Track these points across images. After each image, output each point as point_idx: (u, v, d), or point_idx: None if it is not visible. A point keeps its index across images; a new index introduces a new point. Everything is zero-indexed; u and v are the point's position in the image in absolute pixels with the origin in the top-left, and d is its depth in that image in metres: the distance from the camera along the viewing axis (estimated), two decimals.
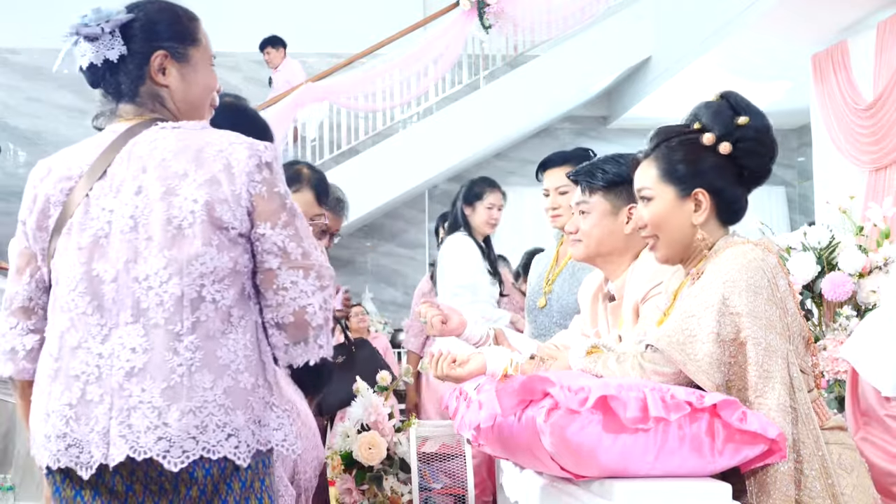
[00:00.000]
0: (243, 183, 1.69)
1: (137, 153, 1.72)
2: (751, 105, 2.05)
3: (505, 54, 9.23)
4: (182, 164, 1.69)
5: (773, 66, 7.91)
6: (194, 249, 1.65)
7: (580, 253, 2.51)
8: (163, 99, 1.81)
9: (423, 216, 10.44)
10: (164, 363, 1.63)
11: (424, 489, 3.32)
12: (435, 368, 2.36)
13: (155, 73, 1.79)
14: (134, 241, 1.67)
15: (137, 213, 1.68)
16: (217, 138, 1.73)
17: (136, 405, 1.62)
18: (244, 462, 1.66)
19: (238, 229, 1.69)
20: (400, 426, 3.41)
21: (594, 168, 2.51)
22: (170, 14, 1.82)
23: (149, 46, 1.78)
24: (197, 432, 1.62)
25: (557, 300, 3.28)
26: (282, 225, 1.71)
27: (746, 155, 2.01)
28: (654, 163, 2.07)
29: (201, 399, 1.63)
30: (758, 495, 1.85)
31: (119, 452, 1.61)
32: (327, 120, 9.07)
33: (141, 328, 1.64)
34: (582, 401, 1.79)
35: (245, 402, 1.67)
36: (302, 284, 1.70)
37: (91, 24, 1.77)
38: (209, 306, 1.66)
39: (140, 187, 1.69)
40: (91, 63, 1.77)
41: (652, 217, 2.08)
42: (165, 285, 1.65)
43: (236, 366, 1.67)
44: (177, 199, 1.67)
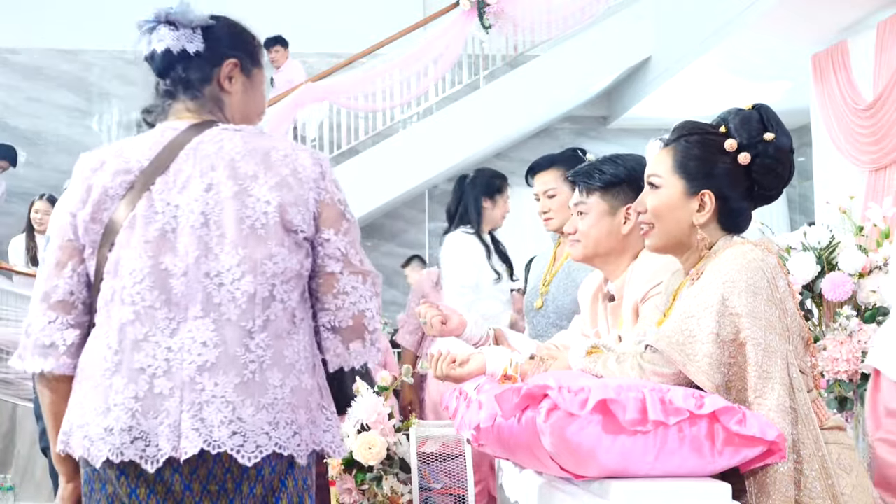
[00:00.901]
0: (310, 188, 1.74)
1: (204, 151, 1.73)
2: (781, 123, 2.05)
3: (505, 54, 9.23)
4: (251, 165, 1.72)
5: (773, 66, 7.91)
6: (268, 249, 1.69)
7: (579, 253, 2.52)
8: (223, 105, 1.83)
9: (423, 216, 10.44)
10: (236, 358, 1.65)
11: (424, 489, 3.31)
12: (435, 368, 2.37)
13: (223, 79, 1.83)
14: (205, 236, 1.68)
15: (208, 209, 1.69)
16: (280, 143, 1.78)
17: (210, 399, 1.62)
18: (304, 461, 1.69)
19: (305, 233, 1.73)
20: (400, 426, 3.41)
21: (592, 169, 2.51)
22: (245, 32, 1.90)
23: (224, 51, 1.83)
24: (270, 428, 1.64)
25: (553, 301, 3.29)
26: (344, 231, 1.76)
27: (763, 170, 2.01)
28: (670, 153, 2.07)
29: (272, 396, 1.65)
30: (757, 496, 1.85)
31: (192, 445, 1.61)
32: (327, 120, 9.07)
33: (211, 323, 1.66)
34: (581, 403, 1.79)
35: (305, 402, 1.70)
36: (361, 290, 1.75)
37: (178, 13, 1.79)
38: (278, 306, 1.70)
39: (210, 184, 1.70)
40: (168, 49, 1.79)
41: (654, 205, 2.08)
42: (238, 282, 1.67)
43: (300, 366, 1.71)
44: (250, 199, 1.69)
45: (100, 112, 10.34)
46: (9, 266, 7.07)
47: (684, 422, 1.79)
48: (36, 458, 6.16)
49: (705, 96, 8.65)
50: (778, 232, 6.30)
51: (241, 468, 1.64)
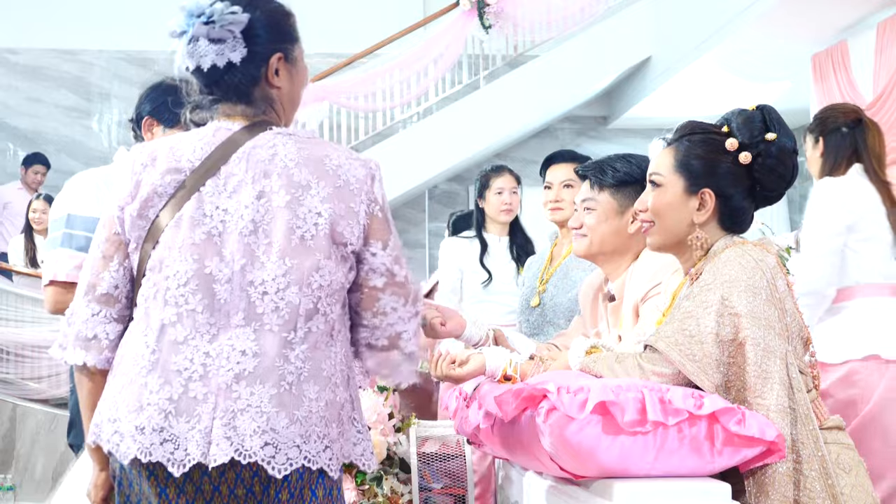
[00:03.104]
0: (362, 201, 1.72)
1: (257, 157, 1.71)
2: (784, 124, 2.05)
3: (505, 54, 9.22)
4: (305, 174, 1.69)
5: (773, 66, 7.91)
6: (316, 261, 1.67)
7: (583, 249, 2.51)
8: (273, 101, 1.80)
9: (423, 216, 10.44)
10: (274, 369, 1.63)
11: (424, 489, 3.31)
12: (435, 368, 2.37)
13: (271, 76, 1.78)
14: (253, 244, 1.67)
15: (259, 217, 1.67)
16: (333, 151, 1.75)
17: (245, 408, 1.61)
18: (335, 474, 1.68)
19: (353, 246, 1.71)
20: (400, 426, 3.41)
21: (605, 165, 2.50)
22: (283, 13, 1.82)
23: (267, 49, 1.77)
24: (301, 441, 1.63)
25: (551, 299, 3.29)
26: (391, 247, 1.75)
27: (764, 170, 2.01)
28: (672, 152, 2.08)
29: (307, 409, 1.64)
30: (756, 495, 1.85)
31: (223, 453, 1.60)
32: (327, 120, 9.07)
33: (252, 332, 1.65)
34: (581, 405, 1.79)
35: (338, 415, 1.69)
36: (401, 311, 1.74)
37: (217, 25, 1.72)
38: (320, 318, 1.68)
39: (262, 192, 1.68)
40: (212, 64, 1.73)
41: (655, 203, 2.08)
42: (283, 293, 1.65)
43: (335, 379, 1.70)
44: (301, 210, 1.67)
45: (100, 112, 10.34)
46: (9, 266, 7.07)
47: (684, 422, 1.79)
48: (36, 458, 6.16)
49: (705, 96, 8.65)
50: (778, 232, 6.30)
51: (267, 478, 1.64)
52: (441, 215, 10.19)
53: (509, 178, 4.20)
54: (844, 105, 3.57)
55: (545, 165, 3.44)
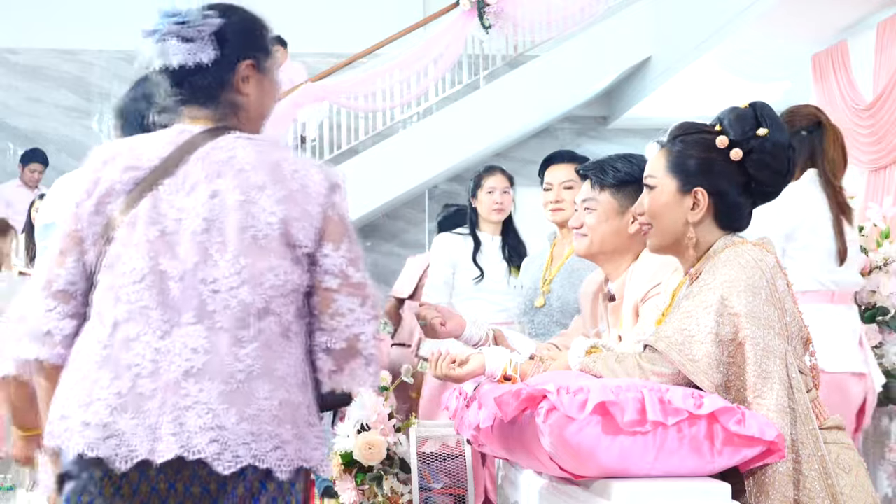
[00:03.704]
0: (319, 204, 1.72)
1: (215, 158, 1.72)
2: (777, 120, 2.04)
3: (505, 54, 9.22)
4: (260, 176, 1.70)
5: (773, 66, 7.90)
6: (269, 262, 1.67)
7: (583, 248, 2.51)
8: (239, 108, 1.81)
9: (423, 216, 10.43)
10: (224, 367, 1.63)
11: (424, 489, 3.31)
12: (434, 368, 2.37)
13: (239, 82, 1.80)
14: (205, 242, 1.67)
15: (212, 216, 1.68)
16: (291, 156, 1.76)
17: (192, 405, 1.61)
18: (284, 476, 1.66)
19: (307, 249, 1.71)
20: (400, 426, 3.41)
21: (605, 165, 2.50)
22: (258, 24, 1.86)
23: (239, 54, 1.80)
24: (251, 439, 1.62)
25: (558, 299, 3.29)
26: (345, 248, 1.73)
27: (757, 166, 2.01)
28: (665, 153, 2.08)
29: (257, 407, 1.64)
30: (756, 495, 1.85)
31: (168, 450, 1.60)
32: (327, 120, 9.06)
33: (203, 329, 1.65)
34: (581, 406, 1.79)
35: (293, 417, 1.68)
36: (359, 312, 1.72)
37: (188, 24, 1.75)
38: (273, 319, 1.68)
39: (216, 191, 1.69)
40: (182, 64, 1.75)
41: (651, 205, 2.09)
42: (235, 291, 1.65)
43: (290, 380, 1.69)
44: (254, 209, 1.68)
45: (100, 112, 10.34)
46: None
47: (683, 422, 1.79)
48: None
49: (705, 96, 8.65)
50: None
51: (213, 476, 1.63)
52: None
53: (500, 178, 4.21)
54: (806, 107, 3.53)
55: (544, 166, 3.44)
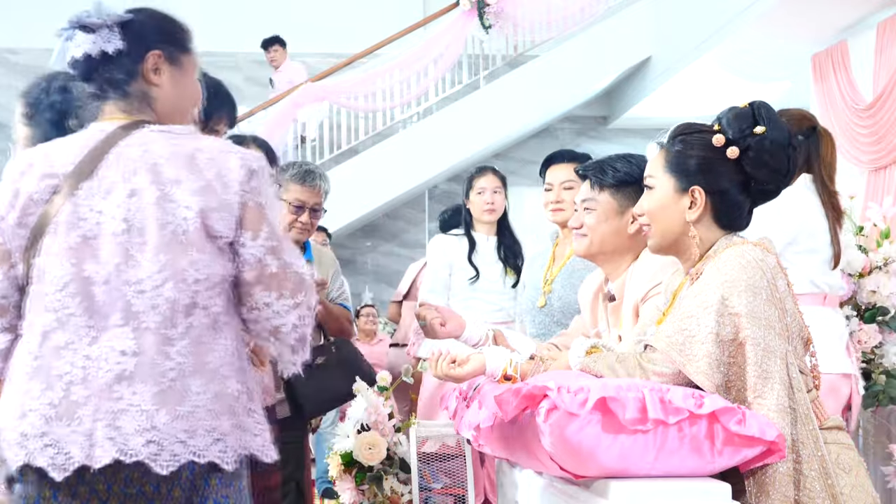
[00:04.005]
0: (235, 192, 1.71)
1: (128, 155, 1.71)
2: (776, 118, 2.03)
3: (505, 54, 9.23)
4: (175, 169, 1.69)
5: (773, 66, 7.91)
6: (190, 256, 1.67)
7: (583, 248, 2.50)
8: (151, 99, 1.81)
9: (423, 216, 10.44)
10: (154, 367, 1.63)
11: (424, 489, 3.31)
12: (435, 368, 2.37)
13: (148, 72, 1.79)
14: (126, 243, 1.66)
15: (130, 215, 1.67)
16: (207, 145, 1.75)
17: (126, 408, 1.61)
18: (230, 466, 1.67)
19: (228, 238, 1.71)
20: (400, 426, 3.41)
21: (605, 165, 2.49)
22: (167, 20, 1.86)
23: (145, 44, 1.79)
24: (186, 436, 1.63)
25: (559, 299, 3.28)
26: (264, 237, 1.72)
27: (754, 164, 2.00)
28: (663, 153, 2.08)
29: (191, 404, 1.64)
30: (757, 495, 1.85)
31: (106, 455, 1.60)
32: (327, 120, 9.07)
33: (131, 331, 1.64)
34: (581, 402, 1.79)
35: (230, 407, 1.69)
36: (275, 305, 1.72)
37: (92, 16, 1.77)
38: (200, 312, 1.68)
39: (133, 190, 1.68)
40: (86, 53, 1.76)
41: (649, 205, 2.09)
42: (159, 289, 1.65)
43: (224, 371, 1.69)
44: (171, 205, 1.67)
45: None
46: None
47: (684, 421, 1.79)
48: None
49: (705, 96, 8.65)
50: None
51: (152, 477, 1.63)
52: None
53: (491, 178, 4.20)
54: (799, 112, 3.54)
55: (544, 166, 3.44)
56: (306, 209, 3.30)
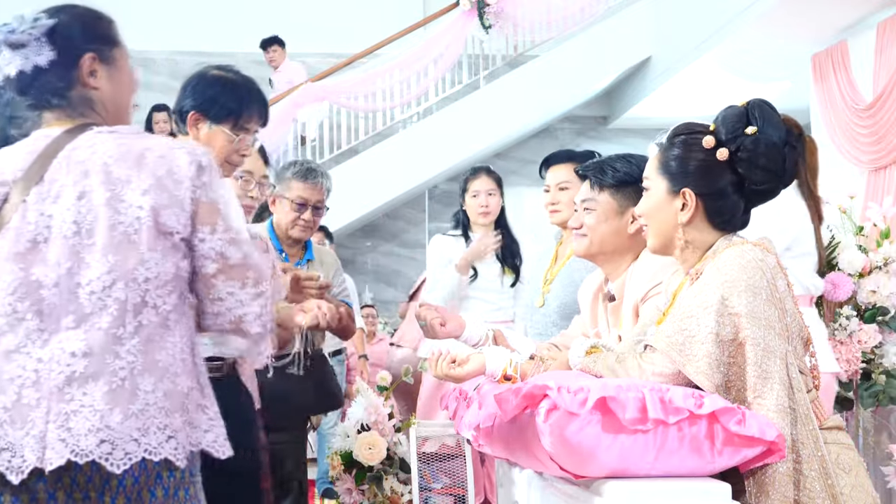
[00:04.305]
0: (187, 188, 1.71)
1: (77, 158, 1.71)
2: (771, 117, 2.02)
3: (505, 54, 9.23)
4: (124, 169, 1.69)
5: (773, 66, 7.91)
6: (140, 255, 1.67)
7: (583, 249, 2.50)
8: (93, 102, 1.81)
9: (423, 216, 10.45)
10: (105, 367, 1.64)
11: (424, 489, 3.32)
12: (435, 368, 2.37)
13: (85, 77, 1.79)
14: (77, 245, 1.67)
15: (80, 217, 1.67)
16: (156, 143, 1.75)
17: (78, 409, 1.62)
18: (182, 463, 1.68)
19: (181, 234, 1.71)
20: (400, 426, 3.41)
21: (605, 165, 2.49)
22: (92, 16, 1.83)
23: (77, 49, 1.78)
24: (139, 434, 1.63)
25: (556, 299, 3.28)
26: (221, 230, 1.73)
27: (747, 165, 1.99)
28: (659, 155, 2.09)
29: (143, 402, 1.65)
30: (757, 496, 1.85)
31: (58, 456, 1.60)
32: (327, 120, 9.07)
33: (82, 333, 1.65)
34: (581, 402, 1.79)
35: (182, 404, 1.70)
36: (239, 294, 1.73)
37: (17, 31, 1.75)
38: (151, 311, 1.68)
39: (83, 192, 1.68)
40: (20, 70, 1.75)
41: (645, 207, 2.10)
42: (109, 290, 1.65)
43: (174, 369, 1.70)
44: (122, 205, 1.67)
45: None
46: None
47: (684, 421, 1.79)
48: None
49: (705, 96, 8.65)
50: None
51: (103, 478, 1.63)
52: (441, 215, 10.19)
53: (485, 181, 4.18)
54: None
55: (543, 167, 3.44)
56: (308, 207, 3.30)
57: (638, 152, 2.53)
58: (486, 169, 4.25)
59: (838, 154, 6.92)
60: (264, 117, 2.53)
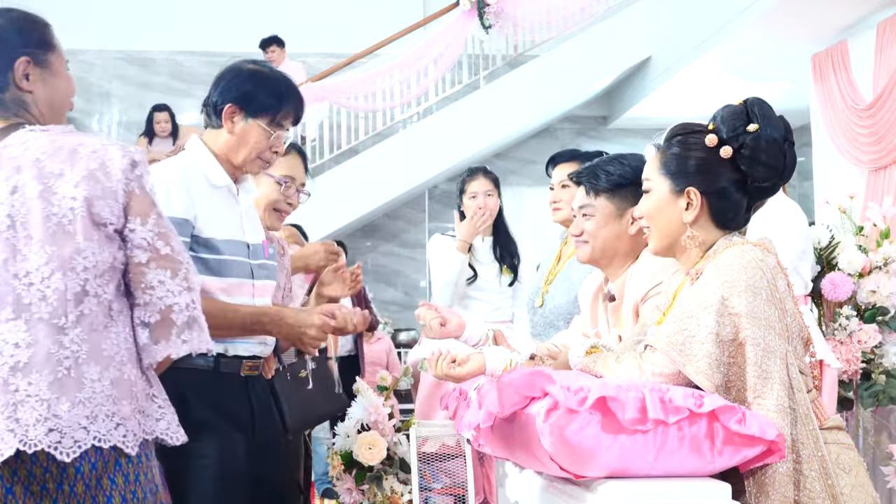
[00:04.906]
0: (119, 180, 1.73)
1: (9, 155, 1.73)
2: (770, 115, 2.03)
3: (505, 54, 9.23)
4: (57, 163, 1.72)
5: (773, 66, 7.91)
6: (76, 245, 1.69)
7: (586, 255, 2.50)
8: (27, 105, 1.83)
9: (423, 216, 10.44)
10: (49, 357, 1.66)
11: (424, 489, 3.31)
12: (435, 368, 2.36)
13: (19, 80, 1.81)
14: (12, 238, 1.69)
15: (14, 211, 1.69)
16: (89, 140, 1.77)
17: (24, 399, 1.63)
18: (133, 451, 1.69)
19: (115, 225, 1.73)
20: (400, 426, 3.41)
21: (597, 170, 2.48)
22: (27, 20, 1.85)
23: (11, 53, 1.81)
24: (87, 422, 1.65)
25: (552, 300, 3.29)
26: (152, 222, 1.75)
27: (749, 162, 2.00)
28: (659, 156, 2.08)
29: (90, 390, 1.67)
30: (756, 496, 1.85)
31: (7, 447, 1.61)
32: (327, 120, 9.07)
33: (23, 323, 1.67)
34: (581, 401, 1.79)
35: (130, 392, 1.72)
36: (169, 284, 1.75)
37: None
38: (92, 300, 1.71)
39: (15, 187, 1.70)
40: None
41: (647, 208, 2.09)
42: (48, 280, 1.67)
43: (120, 357, 1.72)
44: (55, 198, 1.69)
45: (100, 112, 10.34)
46: None
47: (684, 421, 1.79)
48: None
49: (705, 96, 8.65)
50: None
51: (59, 467, 1.65)
52: (441, 215, 10.19)
53: (482, 182, 4.17)
54: None
55: (550, 165, 3.44)
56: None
57: (638, 152, 2.52)
58: (483, 170, 4.24)
59: (838, 154, 6.92)
60: (299, 116, 2.50)
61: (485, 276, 4.19)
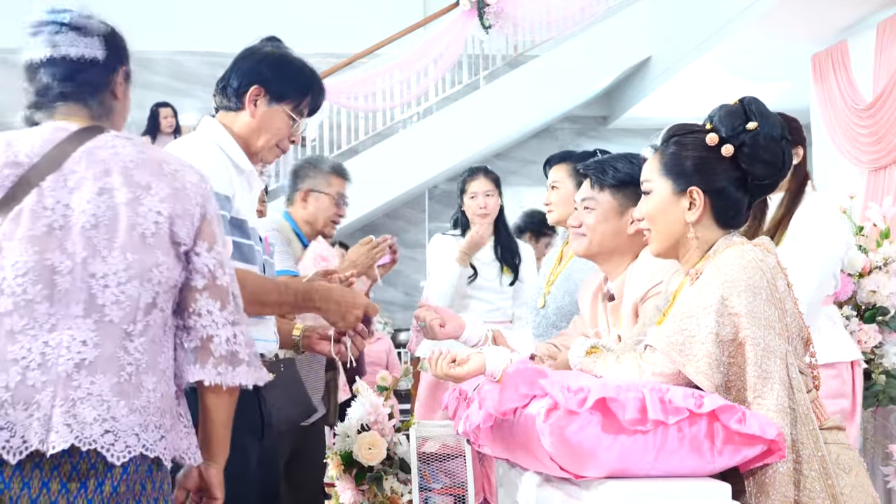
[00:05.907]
0: (197, 203, 1.78)
1: (98, 156, 1.75)
2: (767, 113, 2.04)
3: (505, 54, 9.23)
4: (145, 175, 1.75)
5: (773, 66, 7.91)
6: (156, 258, 1.73)
7: (582, 248, 2.50)
8: (111, 111, 1.87)
9: (423, 216, 10.45)
10: (114, 359, 1.68)
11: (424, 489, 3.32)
12: (434, 368, 2.37)
13: (117, 86, 1.87)
14: (94, 238, 1.70)
15: (100, 212, 1.71)
16: (170, 157, 1.83)
17: (85, 396, 1.65)
18: (168, 464, 1.73)
19: (186, 246, 1.77)
20: (400, 426, 3.41)
21: (606, 164, 2.49)
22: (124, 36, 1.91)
23: (119, 60, 1.87)
24: (140, 430, 1.68)
25: (554, 301, 3.29)
26: (217, 251, 1.80)
27: (750, 160, 2.00)
28: (658, 156, 2.08)
29: (146, 399, 1.70)
30: (756, 496, 1.85)
31: (62, 440, 1.62)
32: (327, 120, 9.07)
33: (92, 323, 1.68)
34: (581, 401, 1.79)
35: (171, 408, 1.76)
36: (216, 315, 1.78)
37: (86, 23, 1.82)
38: (158, 313, 1.74)
39: (103, 189, 1.73)
40: (80, 55, 1.81)
41: (648, 210, 2.09)
42: (124, 286, 1.70)
43: (168, 373, 1.76)
44: (142, 209, 1.73)
45: None
46: None
47: (684, 421, 1.79)
48: None
49: (705, 96, 8.63)
50: None
51: (106, 466, 1.66)
52: (441, 215, 10.19)
53: (483, 182, 4.18)
54: None
55: (546, 167, 3.45)
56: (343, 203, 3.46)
57: (638, 152, 2.52)
58: (483, 169, 4.24)
59: (838, 154, 6.92)
60: (318, 106, 2.45)
61: (485, 275, 4.18)
